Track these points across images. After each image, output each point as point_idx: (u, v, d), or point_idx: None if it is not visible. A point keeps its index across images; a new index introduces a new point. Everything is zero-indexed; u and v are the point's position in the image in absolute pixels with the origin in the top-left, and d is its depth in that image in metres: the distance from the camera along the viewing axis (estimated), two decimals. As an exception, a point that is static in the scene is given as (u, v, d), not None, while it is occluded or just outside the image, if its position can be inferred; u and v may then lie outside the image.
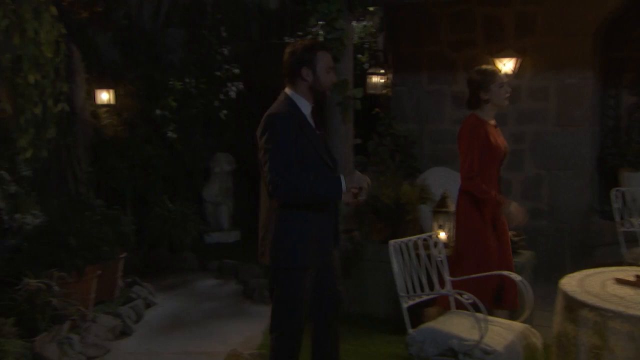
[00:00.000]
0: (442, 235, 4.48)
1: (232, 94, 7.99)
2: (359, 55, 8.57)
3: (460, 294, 3.01)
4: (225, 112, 8.00)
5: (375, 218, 5.15)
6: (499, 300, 3.61)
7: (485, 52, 6.15)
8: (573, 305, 2.76)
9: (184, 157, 7.89)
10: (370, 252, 5.03)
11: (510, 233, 4.77)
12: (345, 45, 5.18)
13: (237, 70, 8.06)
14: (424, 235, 3.56)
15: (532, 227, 6.05)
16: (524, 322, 3.35)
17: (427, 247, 3.53)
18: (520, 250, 4.68)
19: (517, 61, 5.95)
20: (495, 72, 3.89)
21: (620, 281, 2.96)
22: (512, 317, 3.47)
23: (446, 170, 5.93)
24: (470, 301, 2.97)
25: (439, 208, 5.00)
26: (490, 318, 3.29)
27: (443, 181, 5.50)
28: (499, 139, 3.88)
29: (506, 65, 5.98)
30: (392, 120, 6.63)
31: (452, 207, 4.46)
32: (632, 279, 2.93)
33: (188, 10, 8.44)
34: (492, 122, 3.90)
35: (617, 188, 5.39)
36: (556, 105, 5.93)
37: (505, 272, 3.44)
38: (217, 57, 8.25)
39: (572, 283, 2.98)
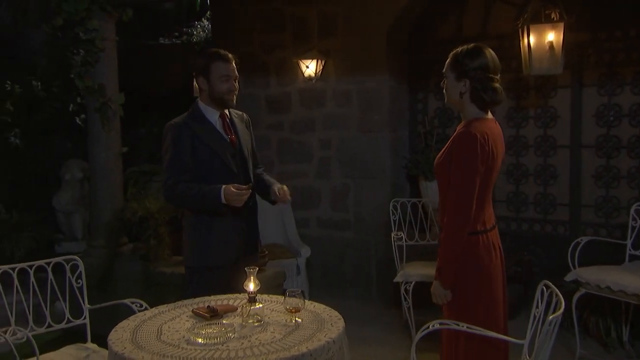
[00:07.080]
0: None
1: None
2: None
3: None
4: (83, 116, 7.67)
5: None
6: None
7: (293, 54, 5.80)
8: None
9: (31, 164, 7.58)
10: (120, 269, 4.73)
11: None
12: (100, 48, 4.86)
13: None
14: (58, 259, 3.24)
15: (340, 238, 5.73)
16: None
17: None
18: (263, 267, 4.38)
19: (319, 63, 5.60)
20: None
21: (196, 313, 2.61)
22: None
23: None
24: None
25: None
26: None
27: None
28: None
29: (309, 68, 5.64)
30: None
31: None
32: (205, 310, 2.59)
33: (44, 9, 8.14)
34: None
35: (396, 199, 5.03)
36: (358, 110, 5.56)
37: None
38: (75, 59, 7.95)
39: (128, 326, 2.59)
